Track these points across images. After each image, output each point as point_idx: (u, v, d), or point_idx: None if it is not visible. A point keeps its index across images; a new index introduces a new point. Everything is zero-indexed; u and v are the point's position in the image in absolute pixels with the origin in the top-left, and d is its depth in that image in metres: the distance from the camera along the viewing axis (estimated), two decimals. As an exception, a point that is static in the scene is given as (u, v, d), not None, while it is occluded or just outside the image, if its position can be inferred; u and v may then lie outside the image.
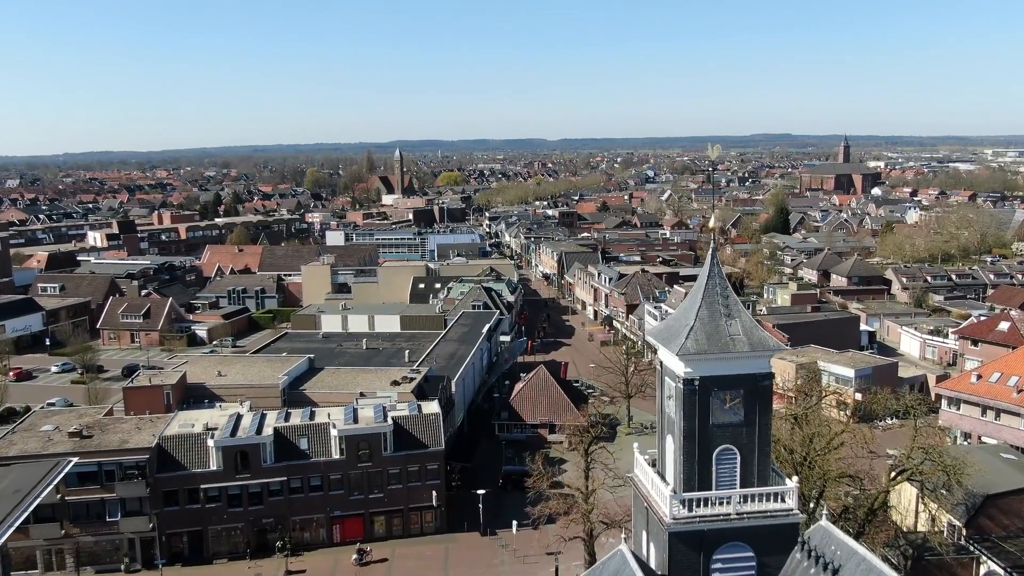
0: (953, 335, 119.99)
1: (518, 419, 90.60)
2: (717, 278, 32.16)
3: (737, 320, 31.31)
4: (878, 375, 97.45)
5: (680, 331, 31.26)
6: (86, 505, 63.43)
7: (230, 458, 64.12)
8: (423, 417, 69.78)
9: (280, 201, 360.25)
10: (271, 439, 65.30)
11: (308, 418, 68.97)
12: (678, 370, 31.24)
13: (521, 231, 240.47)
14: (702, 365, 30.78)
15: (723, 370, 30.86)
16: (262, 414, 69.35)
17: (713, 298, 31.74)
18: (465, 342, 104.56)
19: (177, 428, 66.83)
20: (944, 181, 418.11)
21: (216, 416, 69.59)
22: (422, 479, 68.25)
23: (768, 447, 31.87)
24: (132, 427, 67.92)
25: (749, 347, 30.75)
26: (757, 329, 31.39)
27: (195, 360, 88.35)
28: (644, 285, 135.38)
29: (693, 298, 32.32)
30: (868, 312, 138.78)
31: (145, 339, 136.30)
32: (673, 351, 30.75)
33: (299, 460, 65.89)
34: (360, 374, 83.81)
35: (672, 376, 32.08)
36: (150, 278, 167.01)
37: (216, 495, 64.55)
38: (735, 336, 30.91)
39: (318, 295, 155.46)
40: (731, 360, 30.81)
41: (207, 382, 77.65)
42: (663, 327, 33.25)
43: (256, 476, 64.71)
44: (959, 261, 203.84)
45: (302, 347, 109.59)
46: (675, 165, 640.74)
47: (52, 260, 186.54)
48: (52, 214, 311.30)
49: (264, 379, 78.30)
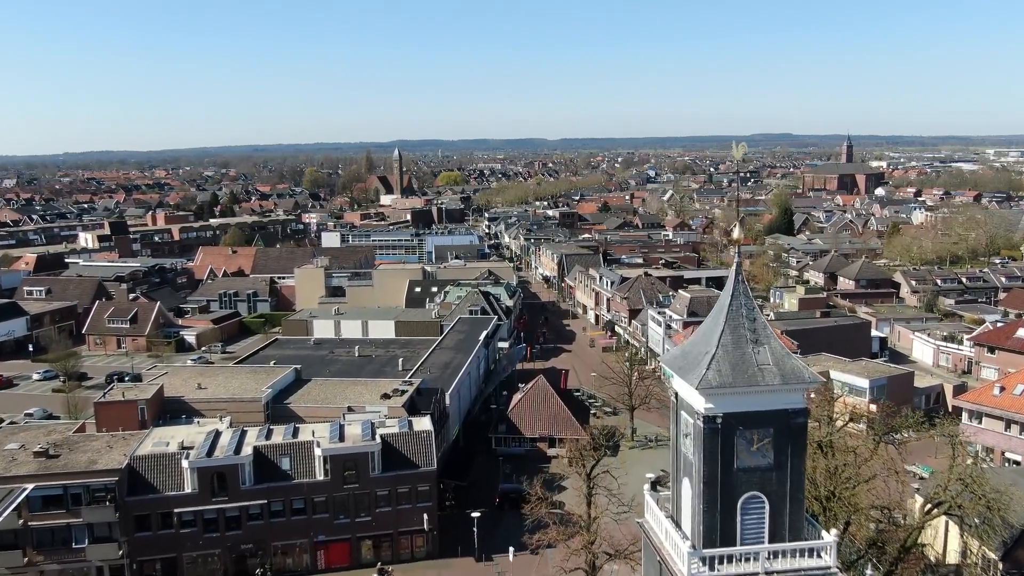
0: (968, 342, 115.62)
1: (516, 432, 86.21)
2: (742, 297, 27.68)
3: (766, 347, 26.89)
4: (893, 385, 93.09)
5: (700, 360, 26.84)
6: (51, 531, 59.03)
7: (206, 480, 59.71)
8: (414, 434, 65.36)
9: (277, 201, 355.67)
10: (250, 459, 60.88)
11: (291, 436, 64.55)
12: (697, 405, 26.84)
13: (521, 232, 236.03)
14: (726, 400, 26.38)
15: (750, 406, 26.48)
16: (242, 431, 64.96)
17: (738, 321, 27.29)
18: (461, 350, 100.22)
19: (150, 447, 62.42)
20: (948, 181, 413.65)
21: (193, 433, 65.20)
22: (412, 501, 63.83)
23: (802, 494, 27.45)
24: (103, 445, 63.51)
25: (781, 379, 26.36)
26: (789, 357, 26.96)
27: (175, 371, 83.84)
28: (647, 289, 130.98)
29: (714, 321, 27.86)
30: (878, 317, 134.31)
31: (132, 345, 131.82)
32: (692, 383, 26.33)
33: (281, 481, 61.45)
34: (349, 386, 79.33)
35: (690, 411, 27.65)
36: (139, 281, 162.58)
37: (191, 519, 60.09)
38: (764, 366, 26.50)
39: (311, 299, 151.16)
40: (760, 394, 26.41)
41: (185, 396, 73.13)
42: (679, 354, 28.80)
43: (234, 499, 60.28)
44: (968, 263, 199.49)
45: (292, 354, 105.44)
46: (676, 165, 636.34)
47: (40, 262, 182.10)
48: (46, 214, 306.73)
49: (246, 392, 73.79)
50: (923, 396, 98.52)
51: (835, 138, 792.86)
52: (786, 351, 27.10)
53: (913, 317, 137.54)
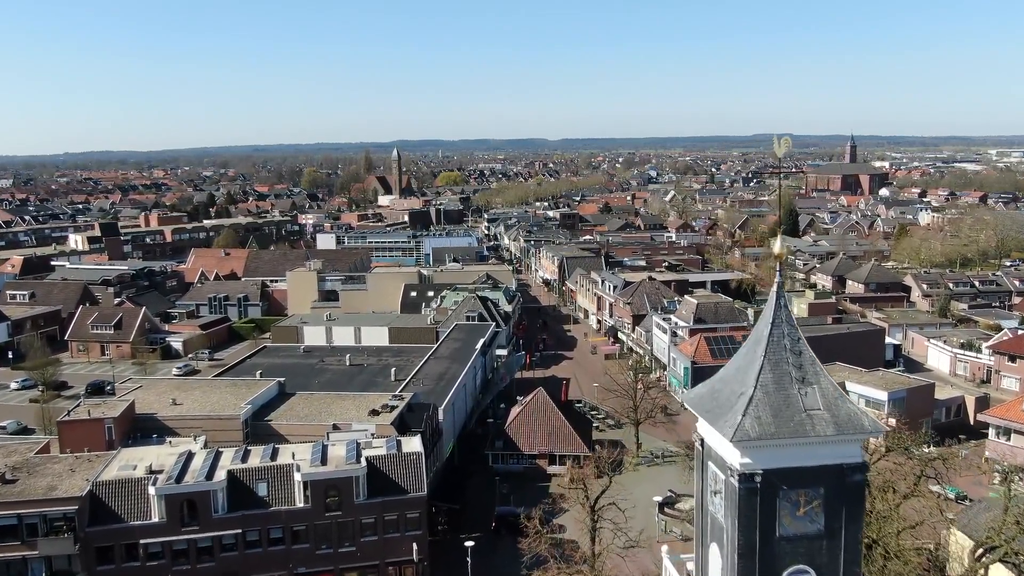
0: (987, 350, 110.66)
1: (514, 449, 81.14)
2: (785, 325, 22.65)
3: (815, 387, 21.89)
4: (913, 398, 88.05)
5: (733, 403, 21.85)
6: (5, 564, 53.89)
7: (175, 508, 54.68)
8: (403, 457, 60.31)
9: (275, 202, 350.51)
10: (224, 485, 55.81)
11: (269, 458, 59.49)
12: (731, 459, 21.86)
13: (521, 233, 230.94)
14: (767, 454, 21.39)
15: (796, 460, 21.49)
16: (217, 452, 59.91)
17: (780, 355, 22.28)
18: (457, 360, 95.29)
19: (116, 471, 57.35)
20: (952, 182, 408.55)
21: (164, 455, 60.12)
22: (401, 529, 58.79)
23: (858, 567, 22.44)
24: (65, 469, 58.48)
25: (834, 427, 21.36)
26: (844, 400, 21.96)
27: (149, 385, 78.75)
28: (651, 294, 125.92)
29: (750, 354, 22.85)
30: (890, 322, 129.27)
31: (116, 352, 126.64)
32: (725, 434, 21.32)
33: (257, 509, 56.38)
34: (335, 401, 74.33)
35: (721, 465, 22.64)
36: (127, 284, 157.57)
37: (158, 551, 54.96)
38: (813, 411, 21.52)
39: (304, 303, 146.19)
40: (808, 446, 21.43)
41: (159, 412, 68.14)
42: (707, 394, 23.75)
43: (206, 528, 55.21)
44: (978, 266, 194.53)
45: (280, 363, 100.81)
46: (677, 165, 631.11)
47: (27, 265, 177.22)
48: (38, 215, 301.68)
49: (224, 409, 68.77)
50: (943, 409, 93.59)
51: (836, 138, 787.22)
52: (840, 392, 22.09)
53: (926, 323, 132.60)
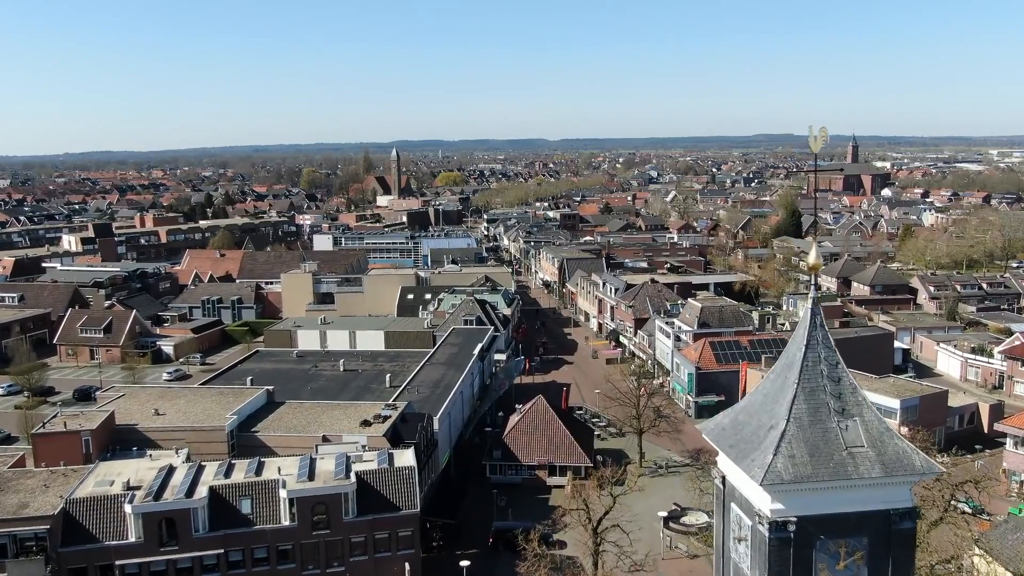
0: (999, 354, 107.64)
1: (513, 459, 78.08)
2: (821, 349, 19.57)
3: (857, 420, 18.85)
4: (926, 406, 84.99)
5: (762, 439, 18.80)
6: (-28, 587, 51.14)
7: (152, 527, 51.70)
8: (395, 471, 57.26)
9: (273, 202, 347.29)
10: (205, 502, 52.81)
11: (254, 473, 56.45)
12: (759, 503, 18.83)
13: (520, 234, 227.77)
14: (802, 499, 18.35)
15: (836, 506, 18.45)
16: (199, 467, 56.91)
17: (816, 382, 19.23)
18: (454, 366, 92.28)
19: (92, 487, 54.36)
20: (955, 182, 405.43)
21: (143, 469, 57.13)
22: (392, 548, 55.83)
23: (906, 628, 19.42)
24: (38, 484, 55.49)
25: (881, 468, 18.31)
26: (890, 435, 18.91)
27: (132, 393, 75.58)
28: (654, 297, 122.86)
29: (781, 380, 19.79)
30: (897, 326, 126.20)
31: (106, 356, 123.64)
32: (754, 476, 18.27)
33: (240, 528, 53.40)
34: (326, 410, 71.27)
35: (747, 509, 19.59)
36: (118, 286, 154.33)
37: (135, 573, 52.01)
38: (856, 449, 18.48)
39: (299, 306, 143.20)
40: (850, 490, 18.40)
41: (140, 423, 65.08)
42: (730, 426, 20.68)
43: (186, 548, 52.25)
44: (984, 267, 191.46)
45: (272, 368, 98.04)
46: (678, 165, 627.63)
47: (18, 266, 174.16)
48: (33, 216, 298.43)
49: (209, 419, 65.70)
50: (956, 417, 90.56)
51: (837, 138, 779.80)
52: (885, 426, 19.05)
53: (935, 326, 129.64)
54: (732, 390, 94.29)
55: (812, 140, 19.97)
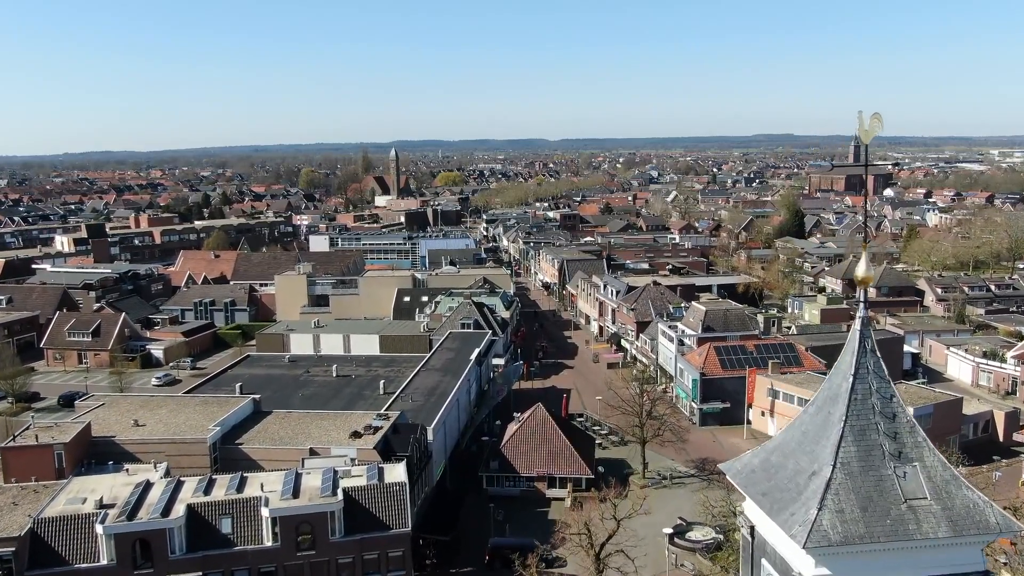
0: (1012, 359, 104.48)
1: (511, 470, 74.91)
2: (873, 379, 16.32)
3: (917, 466, 15.61)
4: (940, 414, 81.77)
5: (801, 487, 15.56)
6: (-67, 613, 48.03)
7: (126, 548, 48.56)
8: (385, 488, 54.08)
9: (270, 202, 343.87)
10: (182, 522, 49.67)
11: (236, 489, 53.25)
12: (799, 566, 15.57)
13: (520, 235, 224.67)
14: (851, 563, 15.15)
15: (892, 571, 15.18)
16: (178, 483, 53.76)
17: (867, 420, 15.97)
18: (450, 371, 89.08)
19: (62, 505, 51.21)
20: (958, 182, 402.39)
21: (119, 485, 53.98)
22: (382, 569, 52.64)
23: None
24: (7, 502, 52.35)
25: (948, 526, 15.04)
26: (958, 484, 15.69)
27: (112, 402, 72.36)
28: (656, 299, 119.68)
29: (822, 418, 16.50)
30: (906, 329, 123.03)
31: (94, 360, 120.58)
32: (796, 537, 15.00)
33: (220, 548, 50.25)
34: (315, 420, 68.08)
35: (782, 569, 16.31)
36: (109, 288, 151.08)
37: (108, 598, 48.97)
38: (917, 503, 15.22)
39: (293, 308, 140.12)
40: (910, 552, 15.22)
41: (118, 435, 61.87)
42: (760, 468, 17.41)
43: (161, 572, 49.06)
44: (990, 268, 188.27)
45: (263, 374, 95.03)
46: (678, 165, 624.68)
47: (8, 267, 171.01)
48: (28, 216, 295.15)
49: (191, 431, 62.50)
50: (971, 425, 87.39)
51: (837, 138, 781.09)
52: (951, 472, 15.84)
53: (944, 329, 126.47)
54: (738, 397, 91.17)
55: (862, 131, 16.77)
